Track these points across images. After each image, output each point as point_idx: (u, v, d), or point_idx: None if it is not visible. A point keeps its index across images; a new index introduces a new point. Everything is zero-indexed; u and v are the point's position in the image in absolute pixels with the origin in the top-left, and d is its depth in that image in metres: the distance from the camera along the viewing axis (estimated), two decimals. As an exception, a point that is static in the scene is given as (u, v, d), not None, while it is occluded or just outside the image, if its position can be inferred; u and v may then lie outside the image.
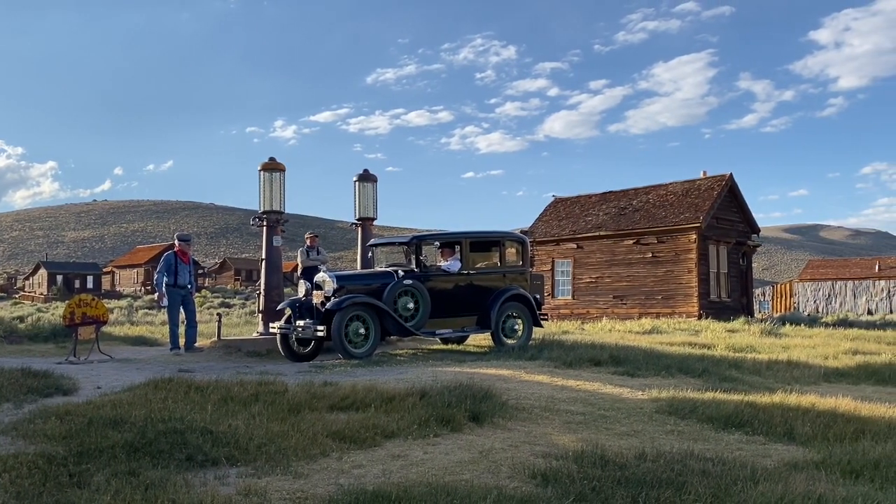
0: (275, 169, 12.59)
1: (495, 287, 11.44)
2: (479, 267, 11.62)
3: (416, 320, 10.65)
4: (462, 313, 11.19)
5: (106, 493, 3.72)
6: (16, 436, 4.90)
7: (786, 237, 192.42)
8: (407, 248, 11.50)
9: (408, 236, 11.34)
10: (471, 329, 11.34)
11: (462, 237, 11.42)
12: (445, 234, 11.97)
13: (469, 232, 11.75)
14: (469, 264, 11.28)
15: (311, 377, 7.96)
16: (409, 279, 10.63)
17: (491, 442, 5.37)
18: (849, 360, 11.76)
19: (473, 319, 11.27)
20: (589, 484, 4.23)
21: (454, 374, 8.10)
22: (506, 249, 11.87)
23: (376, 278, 10.82)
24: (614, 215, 27.81)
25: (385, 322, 10.37)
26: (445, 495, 3.86)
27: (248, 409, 5.73)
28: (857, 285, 48.51)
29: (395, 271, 10.83)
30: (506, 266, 11.73)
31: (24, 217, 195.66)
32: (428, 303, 10.64)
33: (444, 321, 11.04)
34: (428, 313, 10.69)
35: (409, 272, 10.82)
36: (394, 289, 10.50)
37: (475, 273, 11.37)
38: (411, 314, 10.62)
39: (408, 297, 10.61)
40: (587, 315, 26.36)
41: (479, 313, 11.24)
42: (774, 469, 4.87)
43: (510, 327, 11.52)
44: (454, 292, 11.10)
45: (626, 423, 6.41)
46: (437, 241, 11.48)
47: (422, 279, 10.76)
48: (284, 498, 3.90)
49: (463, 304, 11.14)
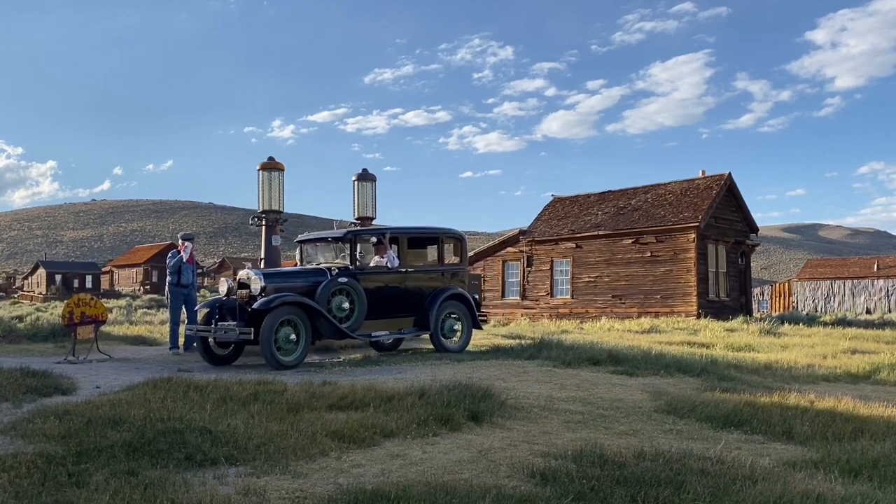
0: (274, 168, 12.60)
1: (434, 286, 10.95)
2: (418, 265, 11.15)
3: (351, 321, 9.91)
4: (399, 314, 10.59)
5: (105, 493, 3.72)
6: (15, 435, 4.90)
7: (784, 236, 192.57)
8: (341, 244, 10.78)
9: (341, 231, 10.72)
10: (408, 331, 10.77)
11: (400, 233, 10.89)
12: (382, 230, 11.24)
13: (407, 228, 11.24)
14: (407, 262, 10.75)
15: (309, 376, 7.97)
16: (343, 277, 9.94)
17: (490, 441, 5.37)
18: (847, 360, 11.77)
19: (411, 320, 10.69)
20: (588, 483, 4.23)
21: (453, 374, 8.11)
22: (444, 247, 11.36)
23: (308, 276, 10.09)
24: (613, 215, 27.82)
25: (318, 324, 9.62)
26: (444, 494, 3.87)
27: (247, 409, 5.73)
28: (855, 284, 48.54)
29: (328, 269, 10.14)
30: (444, 264, 11.27)
31: (23, 217, 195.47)
32: (364, 302, 9.97)
33: (380, 322, 10.37)
34: (364, 314, 10.00)
35: (344, 269, 10.14)
36: (328, 287, 9.77)
37: (413, 271, 10.84)
38: (346, 315, 9.90)
39: (342, 297, 9.89)
40: (586, 314, 26.37)
41: (417, 314, 10.69)
42: (773, 468, 4.87)
43: (449, 328, 11.03)
44: (391, 291, 10.50)
45: (624, 422, 6.41)
46: (373, 237, 10.66)
47: (357, 277, 10.11)
48: (283, 497, 3.90)
49: (400, 304, 10.57)
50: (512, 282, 29.90)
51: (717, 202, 25.51)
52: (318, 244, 11.56)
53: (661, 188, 27.88)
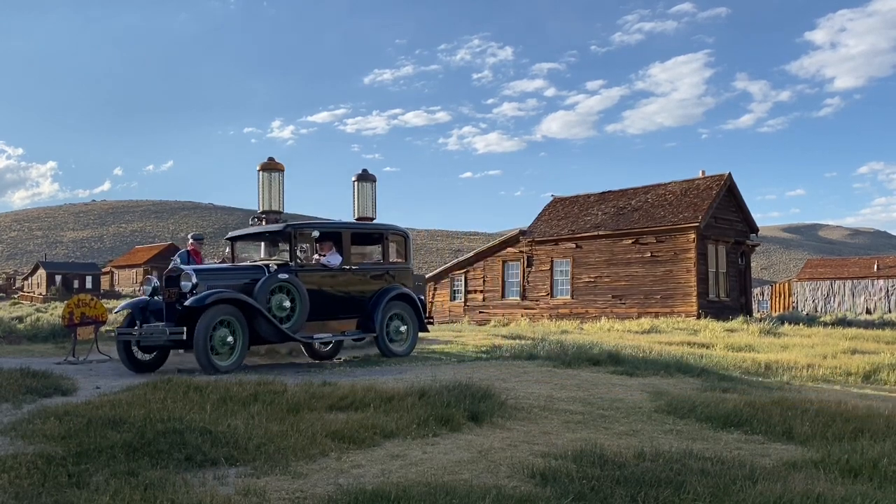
0: (274, 169, 12.58)
1: (378, 286, 10.31)
2: (361, 263, 10.53)
3: (292, 322, 9.22)
4: (342, 315, 9.91)
5: (105, 494, 3.72)
6: (15, 436, 4.90)
7: (784, 236, 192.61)
8: (279, 240, 10.17)
9: (280, 225, 10.01)
10: (352, 333, 10.11)
11: (343, 228, 10.25)
12: (324, 224, 10.48)
13: (351, 223, 10.68)
14: (350, 260, 10.10)
15: (309, 377, 7.97)
16: (283, 273, 9.26)
17: (490, 441, 5.37)
18: (847, 360, 11.77)
19: (354, 322, 10.04)
20: (588, 483, 4.23)
21: (453, 374, 8.11)
22: (389, 245, 10.74)
23: (245, 272, 9.39)
24: (613, 215, 27.82)
25: (256, 324, 8.92)
26: (444, 495, 3.87)
27: (247, 409, 5.73)
28: (855, 285, 48.54)
29: (267, 265, 9.45)
30: (389, 263, 10.66)
31: (22, 217, 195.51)
32: (306, 302, 9.30)
33: (322, 324, 9.68)
34: (306, 314, 9.32)
35: (284, 266, 9.49)
36: (267, 285, 9.07)
37: (357, 269, 10.17)
38: (287, 315, 9.22)
39: (283, 295, 9.21)
40: (586, 315, 26.37)
41: (360, 315, 10.03)
42: (773, 468, 4.87)
43: (395, 329, 10.38)
44: (334, 291, 9.84)
45: (624, 422, 6.41)
46: (315, 232, 9.79)
47: (298, 275, 9.45)
48: (283, 498, 3.90)
49: (343, 305, 9.92)
50: (512, 282, 29.90)
51: (717, 202, 25.52)
52: (252, 242, 10.85)
53: (661, 188, 27.89)
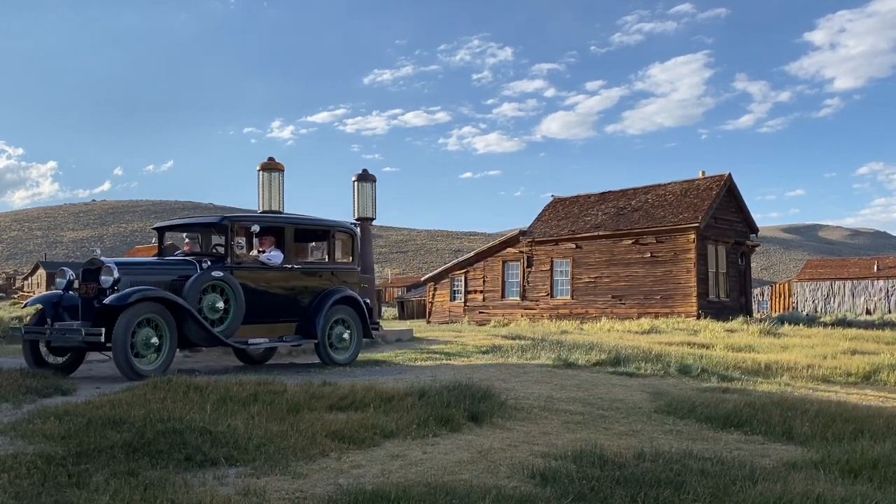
0: (274, 169, 12.60)
1: (322, 287, 9.46)
2: (305, 262, 9.81)
3: (226, 325, 8.38)
4: (281, 318, 9.08)
5: (105, 494, 3.72)
6: (15, 436, 4.90)
7: (784, 237, 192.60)
8: (215, 231, 9.21)
9: (216, 216, 9.17)
10: (290, 338, 9.18)
11: (286, 223, 9.37)
12: (265, 217, 9.65)
13: (294, 217, 9.81)
14: (293, 257, 9.27)
15: (309, 377, 7.97)
16: (218, 271, 8.39)
17: (490, 442, 5.37)
18: (847, 360, 11.77)
19: (293, 326, 9.19)
20: (588, 484, 4.23)
21: (453, 374, 8.11)
22: (335, 242, 9.89)
23: (173, 268, 8.53)
24: (613, 215, 27.82)
25: (185, 326, 8.02)
26: (444, 495, 3.87)
27: (247, 409, 5.73)
28: (855, 285, 48.54)
29: (200, 260, 8.60)
30: (335, 262, 9.82)
31: (22, 217, 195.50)
32: (242, 303, 8.44)
33: (258, 328, 8.83)
34: (241, 316, 8.47)
35: (218, 262, 8.62)
36: (199, 283, 8.20)
37: (300, 269, 9.32)
38: (220, 317, 8.37)
39: (216, 295, 8.32)
40: (586, 315, 26.37)
41: (300, 319, 9.20)
42: (773, 469, 4.87)
43: (338, 335, 9.50)
44: (274, 291, 9.01)
45: (624, 422, 6.41)
46: (255, 226, 8.86)
47: (234, 272, 8.57)
48: (283, 498, 3.90)
49: (283, 307, 9.10)
50: (512, 282, 29.90)
51: (716, 203, 25.52)
52: (184, 231, 9.92)
53: (661, 189, 27.89)
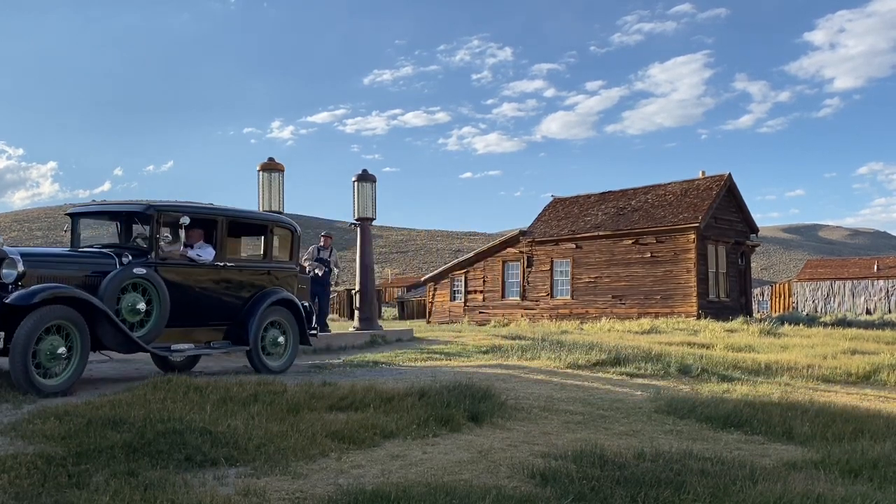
0: (274, 169, 12.59)
1: (257, 288, 8.64)
2: (239, 259, 8.89)
3: (147, 329, 7.40)
4: (209, 321, 8.21)
5: (105, 494, 3.72)
6: (15, 436, 4.90)
7: (784, 237, 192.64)
8: (139, 222, 8.08)
9: (140, 204, 8.05)
10: (219, 344, 8.30)
11: (219, 214, 8.39)
12: (196, 208, 8.48)
13: (228, 209, 8.74)
14: (225, 253, 8.31)
15: (309, 377, 7.97)
16: (140, 267, 7.39)
17: (490, 442, 5.37)
18: (847, 360, 11.77)
19: (223, 331, 8.34)
20: (588, 484, 4.23)
21: (453, 374, 8.11)
22: (273, 239, 9.00)
23: (88, 261, 7.43)
24: (613, 215, 27.82)
25: (100, 330, 7.02)
26: (444, 495, 3.87)
27: (247, 410, 5.74)
28: (855, 285, 48.54)
29: (119, 253, 7.52)
30: (272, 261, 8.93)
31: (22, 217, 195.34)
32: (167, 304, 7.49)
33: (184, 332, 7.95)
34: (165, 319, 7.52)
35: (141, 257, 7.58)
36: (118, 280, 7.19)
37: (233, 267, 8.39)
38: (141, 320, 7.39)
39: (137, 295, 7.34)
40: (586, 315, 26.36)
41: (231, 322, 8.36)
42: (773, 468, 4.87)
43: (272, 340, 8.71)
44: (202, 292, 8.13)
45: (624, 422, 6.41)
46: (184, 217, 7.86)
47: (159, 269, 7.60)
48: (283, 498, 3.90)
49: (212, 309, 8.22)
50: (512, 282, 29.90)
51: (716, 203, 25.52)
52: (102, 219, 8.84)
53: (661, 189, 27.90)
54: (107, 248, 7.86)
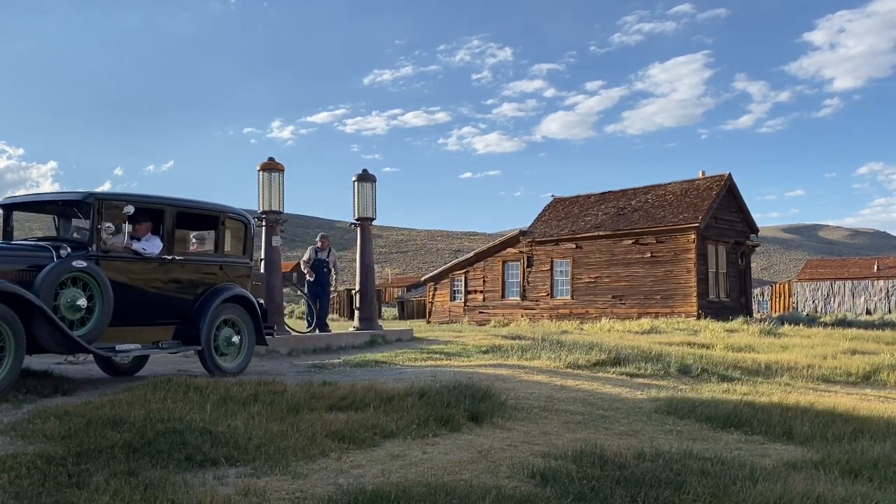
0: (274, 169, 12.59)
1: (209, 284, 8.15)
2: (188, 252, 8.45)
3: (88, 327, 6.86)
4: (157, 319, 7.69)
5: (105, 494, 3.72)
6: (15, 436, 4.90)
7: (784, 237, 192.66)
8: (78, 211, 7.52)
9: (81, 192, 7.39)
10: (168, 344, 7.79)
11: (167, 205, 7.85)
12: (142, 198, 7.82)
13: (177, 199, 8.14)
14: (173, 246, 7.84)
15: (310, 377, 7.97)
16: (80, 260, 6.85)
17: (490, 442, 5.37)
18: (847, 360, 11.77)
19: (172, 329, 7.83)
20: (588, 484, 4.23)
21: (453, 374, 8.11)
22: (226, 232, 8.51)
23: (23, 255, 6.86)
24: (613, 215, 27.83)
25: (36, 328, 6.50)
26: (444, 495, 3.87)
27: (247, 410, 5.74)
28: (855, 285, 48.54)
29: (57, 245, 6.96)
30: (225, 255, 8.44)
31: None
32: (110, 300, 6.96)
33: (129, 331, 7.42)
34: (108, 317, 6.98)
35: (81, 249, 7.04)
36: (55, 274, 6.65)
37: (182, 261, 7.93)
38: (81, 318, 6.84)
39: (77, 290, 6.80)
40: (586, 315, 26.37)
41: (181, 320, 7.87)
42: (773, 469, 4.87)
43: (225, 339, 8.23)
44: (149, 287, 7.61)
45: (624, 422, 6.41)
46: (129, 207, 7.29)
47: (101, 263, 7.08)
48: (283, 498, 3.90)
49: (160, 306, 7.71)
50: (512, 282, 29.90)
51: (717, 203, 25.53)
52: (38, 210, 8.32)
53: (661, 189, 27.90)
54: (43, 241, 7.31)
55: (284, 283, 14.80)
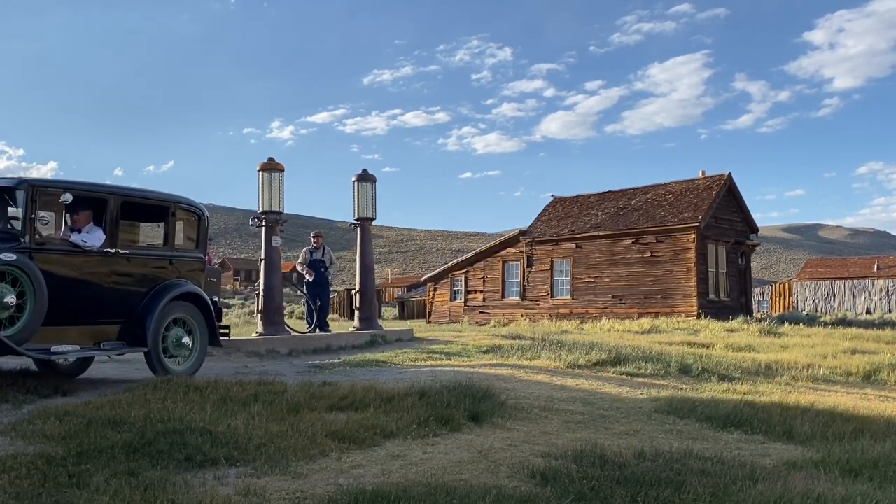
0: (273, 169, 12.58)
1: (157, 280, 7.55)
2: (134, 245, 7.68)
3: (19, 327, 6.27)
4: (99, 319, 7.08)
5: (105, 494, 3.72)
6: (15, 436, 4.90)
7: (784, 236, 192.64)
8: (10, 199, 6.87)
9: (12, 178, 6.88)
10: (111, 345, 7.14)
11: (110, 193, 7.23)
12: (81, 185, 7.12)
13: (122, 187, 7.53)
14: (117, 239, 7.20)
15: (310, 377, 7.97)
16: (9, 252, 6.26)
17: (490, 442, 5.37)
18: (847, 360, 11.77)
19: (116, 329, 7.22)
20: (588, 483, 4.23)
21: (453, 374, 8.11)
22: (176, 224, 7.94)
23: None
24: (613, 215, 27.83)
25: None
26: (445, 495, 3.87)
27: (248, 410, 5.74)
28: (855, 284, 48.53)
29: None
30: (175, 249, 7.85)
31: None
32: (44, 297, 6.36)
33: (67, 331, 6.82)
34: (42, 315, 6.39)
35: (12, 241, 6.46)
36: None
37: (128, 255, 7.29)
38: (11, 316, 6.26)
39: (6, 286, 6.21)
40: (586, 315, 26.37)
41: (126, 320, 7.25)
42: (773, 468, 4.87)
43: (175, 341, 7.62)
44: (90, 283, 6.97)
45: (624, 422, 6.41)
46: (66, 195, 6.71)
47: (34, 256, 6.49)
48: (283, 498, 3.90)
49: (102, 305, 7.08)
50: (512, 282, 29.91)
51: (717, 202, 25.53)
52: None
53: (661, 188, 27.91)
54: None
55: (284, 283, 14.79)
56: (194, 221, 8.17)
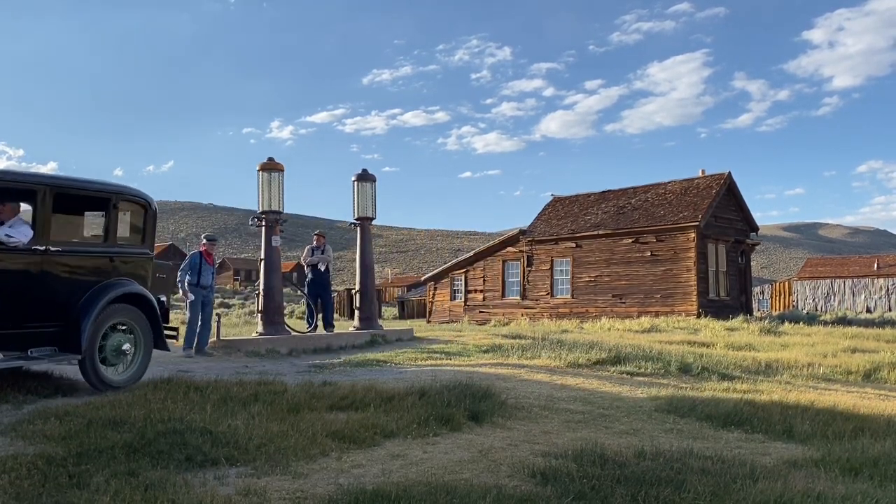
0: (273, 169, 12.58)
1: (96, 279, 6.82)
2: (68, 241, 6.92)
3: None
4: (27, 323, 6.31)
5: (105, 494, 3.72)
6: (15, 437, 4.91)
7: (784, 235, 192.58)
8: None
9: None
10: (41, 352, 6.34)
11: (39, 183, 6.45)
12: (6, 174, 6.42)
13: (53, 176, 6.80)
14: (49, 234, 6.46)
15: (310, 377, 7.97)
16: None
17: (490, 441, 5.37)
18: (848, 358, 11.77)
19: (46, 334, 6.45)
20: (588, 482, 4.23)
21: (453, 374, 8.11)
22: (118, 216, 7.16)
23: None
24: (613, 214, 27.82)
25: None
26: (445, 494, 3.87)
27: (248, 410, 5.74)
28: (855, 283, 48.53)
29: None
30: (116, 244, 7.12)
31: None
32: None
33: None
34: None
35: None
36: None
37: (60, 251, 6.55)
38: None
39: None
40: (586, 314, 26.37)
41: (59, 324, 6.50)
42: (774, 467, 4.87)
43: (114, 348, 6.87)
44: (16, 284, 6.24)
45: (625, 421, 6.41)
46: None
47: None
48: (284, 498, 3.90)
49: (30, 307, 6.32)
50: (512, 282, 29.90)
51: (716, 201, 25.52)
52: None
53: (661, 187, 27.90)
54: None
55: (284, 283, 14.79)
56: (140, 213, 7.42)
